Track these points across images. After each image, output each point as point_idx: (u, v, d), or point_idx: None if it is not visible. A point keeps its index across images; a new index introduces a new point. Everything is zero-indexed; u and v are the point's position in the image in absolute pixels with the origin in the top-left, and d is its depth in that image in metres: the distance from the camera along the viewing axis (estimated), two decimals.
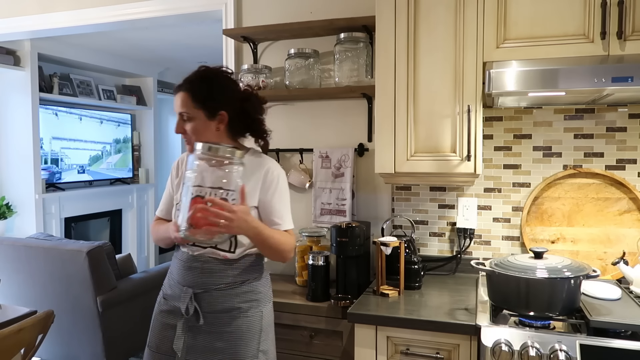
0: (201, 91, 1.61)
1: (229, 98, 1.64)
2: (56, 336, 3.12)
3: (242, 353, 1.62)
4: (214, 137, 1.64)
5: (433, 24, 1.93)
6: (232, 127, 1.67)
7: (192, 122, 1.62)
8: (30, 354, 1.94)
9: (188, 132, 1.63)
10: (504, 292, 1.67)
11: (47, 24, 3.04)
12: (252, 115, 1.68)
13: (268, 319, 1.71)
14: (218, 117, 1.63)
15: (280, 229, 1.66)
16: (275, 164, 1.71)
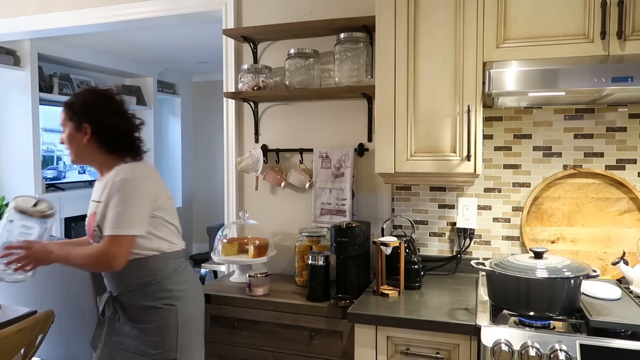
0: (71, 105, 1.80)
1: (92, 112, 1.78)
2: (56, 336, 3.12)
3: (161, 346, 1.75)
4: (84, 149, 1.79)
5: (433, 24, 1.93)
6: (102, 142, 1.78)
7: (65, 133, 1.82)
8: (31, 354, 1.94)
9: (64, 142, 1.83)
10: (504, 292, 1.67)
11: (47, 24, 3.04)
12: (121, 130, 1.80)
13: (186, 314, 1.80)
14: (83, 129, 1.78)
15: (105, 233, 1.71)
16: (122, 170, 1.74)
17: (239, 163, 2.52)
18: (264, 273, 2.17)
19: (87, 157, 1.82)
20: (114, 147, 1.80)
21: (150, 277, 1.77)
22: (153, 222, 1.76)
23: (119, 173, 1.73)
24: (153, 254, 1.77)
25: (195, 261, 5.12)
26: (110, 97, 1.84)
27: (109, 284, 1.83)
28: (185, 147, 6.73)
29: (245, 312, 2.10)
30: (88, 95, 1.82)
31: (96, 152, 1.80)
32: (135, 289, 1.77)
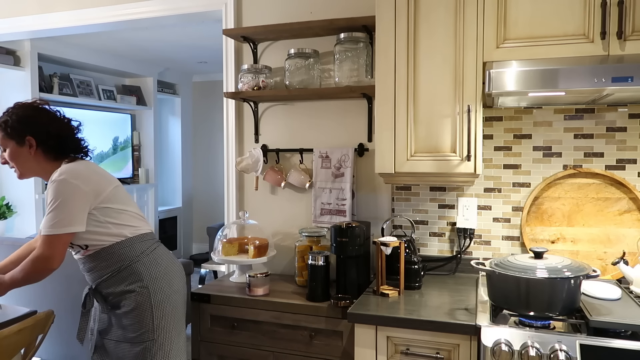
0: (5, 123, 1.83)
1: (32, 124, 1.83)
2: (56, 336, 3.12)
3: (139, 329, 1.83)
4: (33, 161, 1.84)
5: (433, 24, 1.93)
6: (49, 150, 1.85)
7: (7, 152, 1.85)
8: (31, 354, 1.94)
9: (8, 161, 1.85)
10: (504, 292, 1.67)
11: (47, 24, 3.04)
12: (63, 136, 1.87)
13: (160, 296, 1.87)
14: (27, 143, 1.83)
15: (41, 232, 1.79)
16: (58, 172, 1.79)
17: (239, 163, 2.52)
18: (264, 273, 2.17)
19: (34, 169, 1.87)
20: (61, 153, 1.87)
21: (120, 263, 1.85)
22: (105, 212, 1.83)
23: (52, 176, 1.80)
24: (117, 241, 1.85)
25: (195, 261, 5.12)
26: (41, 108, 1.90)
27: (87, 277, 1.91)
28: (185, 147, 6.74)
29: (245, 312, 2.11)
30: (20, 110, 1.86)
31: (43, 162, 1.86)
32: (109, 277, 1.85)
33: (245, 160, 2.51)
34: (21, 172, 1.88)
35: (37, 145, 1.83)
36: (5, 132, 1.84)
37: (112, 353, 1.88)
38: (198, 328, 2.19)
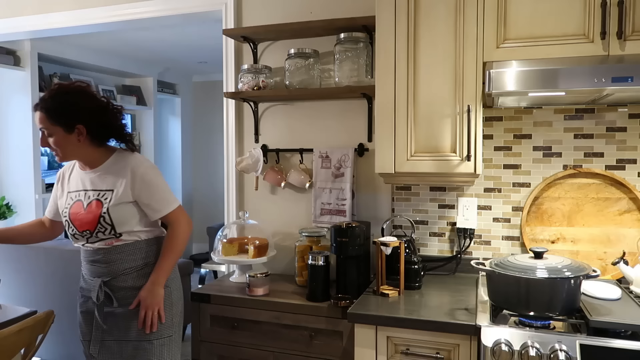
0: (55, 109, 1.77)
1: (83, 112, 1.79)
2: (56, 336, 3.12)
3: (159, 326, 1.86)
4: (79, 147, 1.82)
5: (433, 24, 1.93)
6: (94, 137, 1.84)
7: (53, 138, 1.80)
8: (31, 354, 1.94)
9: (53, 147, 1.81)
10: (504, 292, 1.67)
11: (47, 24, 3.04)
12: (112, 124, 1.88)
13: (176, 294, 1.95)
14: (76, 131, 1.79)
15: (160, 216, 1.88)
16: (138, 161, 1.87)
17: (239, 163, 2.52)
18: (264, 273, 2.17)
19: (78, 154, 1.85)
20: (108, 139, 1.89)
21: (146, 259, 1.88)
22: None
23: (136, 162, 1.85)
24: (148, 238, 1.90)
25: (195, 261, 5.12)
26: (89, 93, 1.85)
27: (100, 270, 1.87)
28: (185, 147, 6.74)
29: (245, 312, 2.10)
30: (69, 96, 1.79)
31: (89, 148, 1.84)
32: (130, 271, 1.86)
33: (245, 160, 2.51)
34: (63, 157, 1.83)
35: (87, 133, 1.81)
36: (52, 119, 1.77)
37: (116, 352, 1.87)
38: (198, 328, 2.18)
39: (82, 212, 1.83)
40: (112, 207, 1.80)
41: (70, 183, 1.91)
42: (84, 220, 1.83)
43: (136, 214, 1.86)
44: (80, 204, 1.85)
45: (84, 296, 1.95)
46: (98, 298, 1.86)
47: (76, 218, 1.84)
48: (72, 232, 1.87)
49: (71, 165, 1.97)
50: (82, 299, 1.96)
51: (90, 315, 1.91)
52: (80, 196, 1.86)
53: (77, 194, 1.87)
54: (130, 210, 1.84)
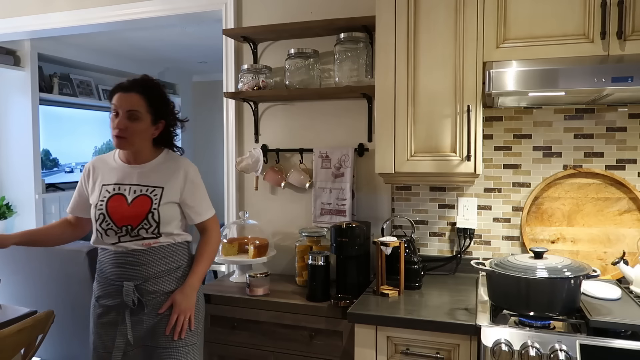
0: (156, 98, 1.81)
1: (170, 110, 1.87)
2: (56, 336, 3.12)
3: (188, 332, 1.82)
4: (147, 141, 1.82)
5: (433, 24, 1.93)
6: (160, 136, 1.86)
7: (138, 123, 1.77)
8: (30, 354, 1.94)
9: (128, 131, 1.75)
10: (504, 292, 1.67)
11: (47, 24, 3.04)
12: (174, 129, 1.92)
13: (202, 301, 1.93)
14: (158, 125, 1.83)
15: (201, 220, 1.89)
16: (188, 164, 1.91)
17: (239, 163, 2.52)
18: (264, 273, 2.17)
19: (141, 145, 1.82)
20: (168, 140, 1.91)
21: (180, 263, 1.85)
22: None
23: (188, 164, 1.89)
24: (182, 242, 1.87)
25: None
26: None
27: (131, 272, 1.77)
28: (185, 147, 6.72)
29: (245, 312, 2.10)
30: (164, 92, 1.86)
31: (150, 144, 1.85)
32: (163, 275, 1.80)
33: (245, 160, 2.51)
34: (129, 144, 1.78)
35: (161, 130, 1.83)
36: (150, 106, 1.78)
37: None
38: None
39: (124, 206, 1.77)
40: (162, 205, 1.78)
41: (105, 176, 1.83)
42: (127, 215, 1.76)
43: (178, 215, 1.84)
44: (122, 197, 1.78)
45: (103, 305, 1.81)
46: (133, 302, 1.76)
47: (117, 211, 1.76)
48: (107, 226, 1.77)
49: (103, 158, 1.91)
50: (100, 309, 1.82)
51: (113, 326, 1.79)
52: (121, 190, 1.79)
53: (117, 187, 1.80)
54: (175, 211, 1.83)
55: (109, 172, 1.84)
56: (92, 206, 1.82)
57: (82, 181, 1.90)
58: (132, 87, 1.79)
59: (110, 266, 1.80)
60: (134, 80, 1.83)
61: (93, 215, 1.81)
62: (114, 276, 1.79)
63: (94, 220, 1.81)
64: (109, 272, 1.81)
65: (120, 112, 1.76)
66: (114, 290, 1.79)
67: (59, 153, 5.01)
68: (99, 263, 1.86)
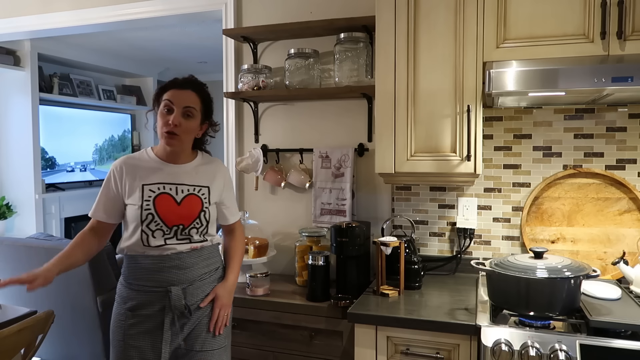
0: (208, 98, 1.81)
1: (212, 113, 1.86)
2: (56, 336, 3.12)
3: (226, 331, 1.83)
4: (190, 140, 1.79)
5: (433, 24, 1.93)
6: (200, 140, 1.86)
7: (191, 121, 1.74)
8: (31, 354, 1.94)
9: (182, 128, 1.72)
10: (504, 292, 1.67)
11: (47, 24, 3.04)
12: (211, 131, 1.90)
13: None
14: (203, 126, 1.81)
15: (235, 220, 1.92)
16: (224, 165, 1.92)
17: (239, 163, 2.52)
18: (264, 273, 2.17)
19: (187, 145, 1.79)
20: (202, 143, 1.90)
21: (217, 264, 1.85)
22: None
23: (223, 165, 1.90)
24: (217, 242, 1.86)
25: None
26: None
27: (176, 276, 1.71)
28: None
29: (245, 312, 2.10)
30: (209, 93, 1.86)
31: (191, 143, 1.82)
32: (205, 277, 1.78)
33: (245, 160, 2.51)
34: (180, 142, 1.73)
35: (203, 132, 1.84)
36: (203, 105, 1.78)
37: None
38: None
39: (174, 205, 1.70)
40: (211, 204, 1.79)
41: (144, 175, 1.72)
42: (179, 214, 1.70)
43: (216, 216, 1.85)
44: (169, 197, 1.71)
45: (140, 315, 1.71)
46: (186, 307, 1.71)
47: (167, 211, 1.69)
48: (156, 227, 1.68)
49: (134, 157, 1.78)
50: (134, 319, 1.71)
51: (149, 335, 1.70)
52: (166, 189, 1.71)
53: (162, 186, 1.71)
54: (215, 211, 1.83)
55: (148, 171, 1.74)
56: (134, 207, 1.70)
57: (111, 182, 1.74)
58: (187, 85, 1.76)
59: (151, 272, 1.70)
60: (187, 79, 1.80)
61: (137, 216, 1.69)
62: (156, 282, 1.70)
63: (138, 221, 1.69)
64: (148, 279, 1.71)
65: (176, 108, 1.70)
66: (156, 297, 1.70)
67: (57, 153, 5.01)
68: (132, 270, 1.73)
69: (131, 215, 1.71)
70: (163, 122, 1.71)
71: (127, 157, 1.79)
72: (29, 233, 4.32)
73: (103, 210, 1.75)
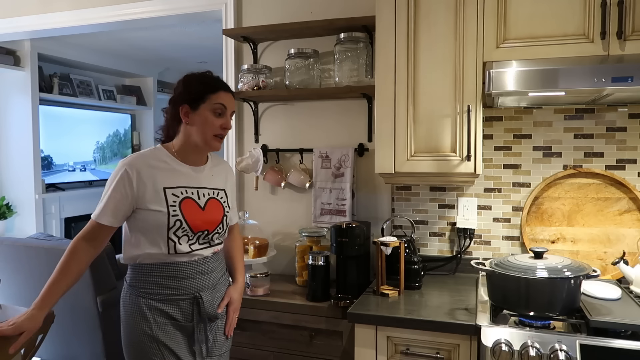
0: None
1: None
2: (56, 336, 3.12)
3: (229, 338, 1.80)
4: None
5: (433, 23, 1.93)
6: None
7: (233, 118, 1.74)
8: (31, 354, 1.94)
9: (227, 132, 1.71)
10: (504, 292, 1.67)
11: (47, 24, 3.04)
12: None
13: None
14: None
15: (234, 222, 1.89)
16: (229, 165, 1.91)
17: (239, 163, 2.52)
18: (264, 273, 2.17)
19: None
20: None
21: (225, 266, 1.83)
22: None
23: (227, 165, 1.86)
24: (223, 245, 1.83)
25: None
26: None
27: (203, 282, 1.66)
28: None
29: (245, 312, 2.10)
30: None
31: None
32: (223, 280, 1.76)
33: (245, 160, 2.51)
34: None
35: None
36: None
37: None
38: None
39: (199, 210, 1.64)
40: (231, 208, 1.77)
41: (164, 178, 1.61)
42: (205, 220, 1.64)
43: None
44: (192, 202, 1.63)
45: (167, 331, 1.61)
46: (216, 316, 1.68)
47: (194, 217, 1.61)
48: (183, 233, 1.60)
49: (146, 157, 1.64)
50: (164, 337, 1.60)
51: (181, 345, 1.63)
52: (188, 193, 1.63)
53: (184, 190, 1.63)
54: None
55: (168, 173, 1.62)
56: (159, 213, 1.57)
57: (124, 185, 1.57)
58: (230, 89, 1.71)
59: (179, 280, 1.62)
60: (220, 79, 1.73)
61: (161, 223, 1.58)
62: (184, 290, 1.63)
63: (164, 228, 1.58)
64: (175, 287, 1.62)
65: (227, 112, 1.66)
66: (185, 306, 1.63)
67: (57, 153, 5.00)
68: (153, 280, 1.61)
69: (151, 222, 1.58)
70: (215, 124, 1.63)
71: (140, 157, 1.63)
72: (29, 233, 4.32)
73: (112, 214, 1.58)
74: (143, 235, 1.60)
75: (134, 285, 1.64)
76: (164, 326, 1.60)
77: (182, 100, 1.64)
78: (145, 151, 1.67)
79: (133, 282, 1.64)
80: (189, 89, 1.64)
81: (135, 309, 1.62)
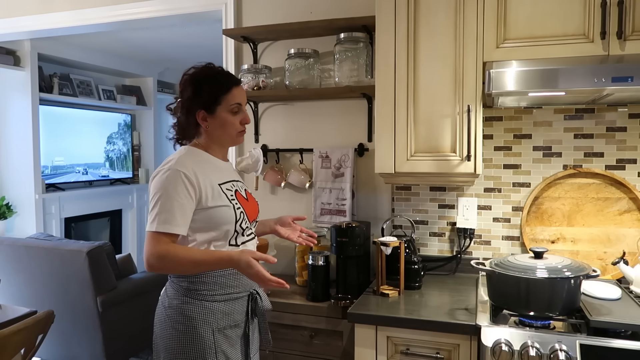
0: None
1: None
2: (56, 336, 3.12)
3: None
4: None
5: (433, 24, 1.93)
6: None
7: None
8: (30, 354, 1.95)
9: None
10: (504, 292, 1.67)
11: (47, 24, 3.04)
12: None
13: None
14: None
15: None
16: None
17: (239, 163, 2.52)
18: None
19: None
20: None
21: None
22: None
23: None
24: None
25: None
26: None
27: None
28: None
29: None
30: None
31: None
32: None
33: (245, 160, 2.51)
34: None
35: None
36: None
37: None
38: None
39: (246, 201, 1.67)
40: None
41: (214, 174, 1.61)
42: (253, 209, 1.71)
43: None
44: (239, 194, 1.66)
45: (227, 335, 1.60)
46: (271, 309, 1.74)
47: (247, 207, 1.66)
48: (245, 225, 1.63)
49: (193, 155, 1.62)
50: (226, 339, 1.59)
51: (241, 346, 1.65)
52: (235, 186, 1.67)
53: (230, 184, 1.65)
54: None
55: (215, 170, 1.63)
56: (225, 208, 1.57)
57: (186, 189, 1.52)
58: (238, 79, 1.69)
59: (237, 277, 1.61)
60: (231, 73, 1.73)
61: (229, 216, 1.57)
62: (242, 287, 1.63)
63: (232, 221, 1.58)
64: (235, 284, 1.61)
65: (242, 107, 1.66)
66: (242, 303, 1.64)
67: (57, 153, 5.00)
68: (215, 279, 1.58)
69: (220, 217, 1.56)
70: (235, 123, 1.63)
71: (187, 159, 1.58)
72: (29, 233, 4.32)
73: (183, 223, 1.51)
74: (203, 235, 1.56)
75: (193, 289, 1.57)
76: (223, 330, 1.58)
77: (197, 105, 1.59)
78: (184, 154, 1.61)
79: (192, 286, 1.57)
80: (199, 93, 1.58)
81: (198, 318, 1.55)
